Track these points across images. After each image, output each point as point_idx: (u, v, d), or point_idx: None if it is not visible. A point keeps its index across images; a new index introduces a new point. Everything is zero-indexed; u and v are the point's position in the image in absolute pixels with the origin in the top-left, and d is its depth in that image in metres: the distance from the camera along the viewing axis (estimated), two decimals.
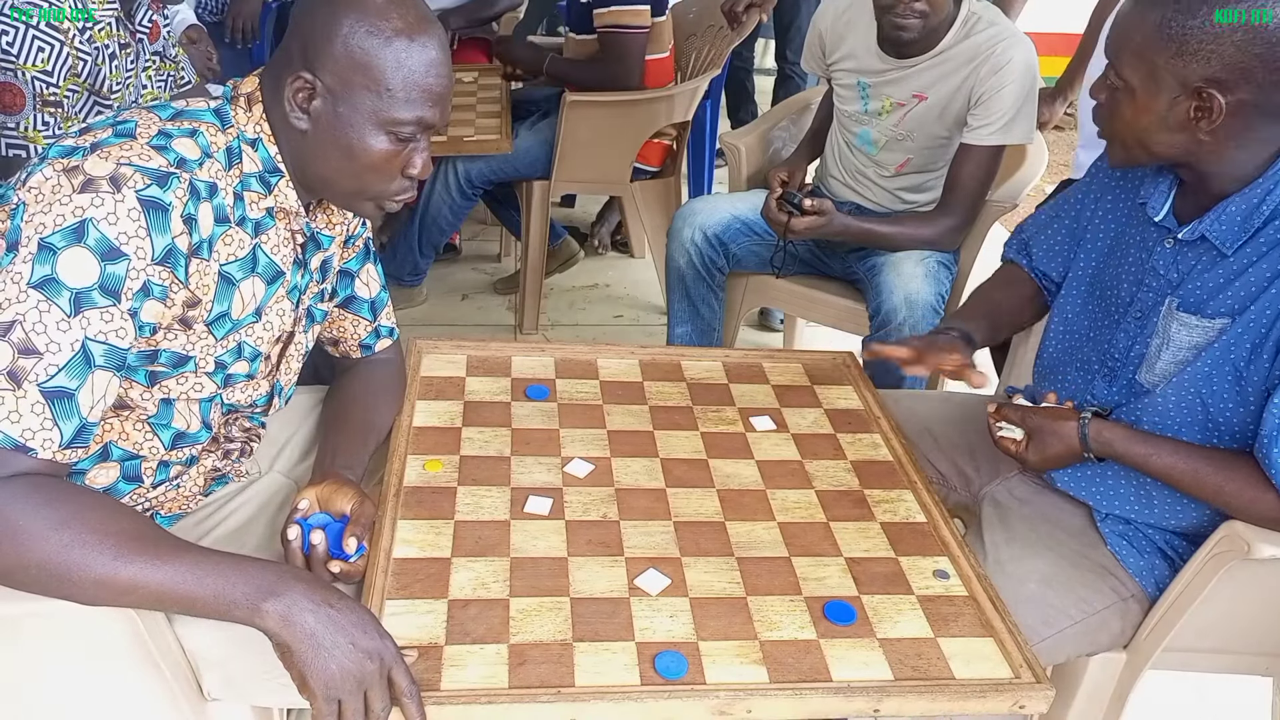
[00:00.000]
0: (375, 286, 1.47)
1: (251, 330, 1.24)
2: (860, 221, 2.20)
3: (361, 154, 1.16)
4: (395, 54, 1.13)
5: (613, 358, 1.73)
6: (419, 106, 1.16)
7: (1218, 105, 1.20)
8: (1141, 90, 1.25)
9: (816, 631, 1.18)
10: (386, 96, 1.14)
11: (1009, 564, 1.38)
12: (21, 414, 1.00)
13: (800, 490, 1.43)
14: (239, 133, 1.18)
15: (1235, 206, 1.27)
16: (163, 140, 1.11)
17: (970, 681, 1.13)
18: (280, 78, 1.16)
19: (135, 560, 0.99)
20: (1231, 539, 1.27)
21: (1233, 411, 1.28)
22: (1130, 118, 1.28)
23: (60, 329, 1.01)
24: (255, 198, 1.20)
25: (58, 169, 1.05)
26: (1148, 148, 1.29)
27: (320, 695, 0.99)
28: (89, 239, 1.02)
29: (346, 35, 1.12)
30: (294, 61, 1.15)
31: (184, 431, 1.24)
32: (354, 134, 1.15)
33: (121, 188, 1.05)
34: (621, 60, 2.85)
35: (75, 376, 1.02)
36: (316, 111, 1.15)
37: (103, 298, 1.03)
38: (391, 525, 1.28)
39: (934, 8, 2.04)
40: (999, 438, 1.44)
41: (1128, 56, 1.26)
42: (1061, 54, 2.97)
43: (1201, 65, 1.19)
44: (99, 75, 1.93)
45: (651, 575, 1.24)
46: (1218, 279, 1.29)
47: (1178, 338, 1.32)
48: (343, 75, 1.13)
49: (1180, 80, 1.21)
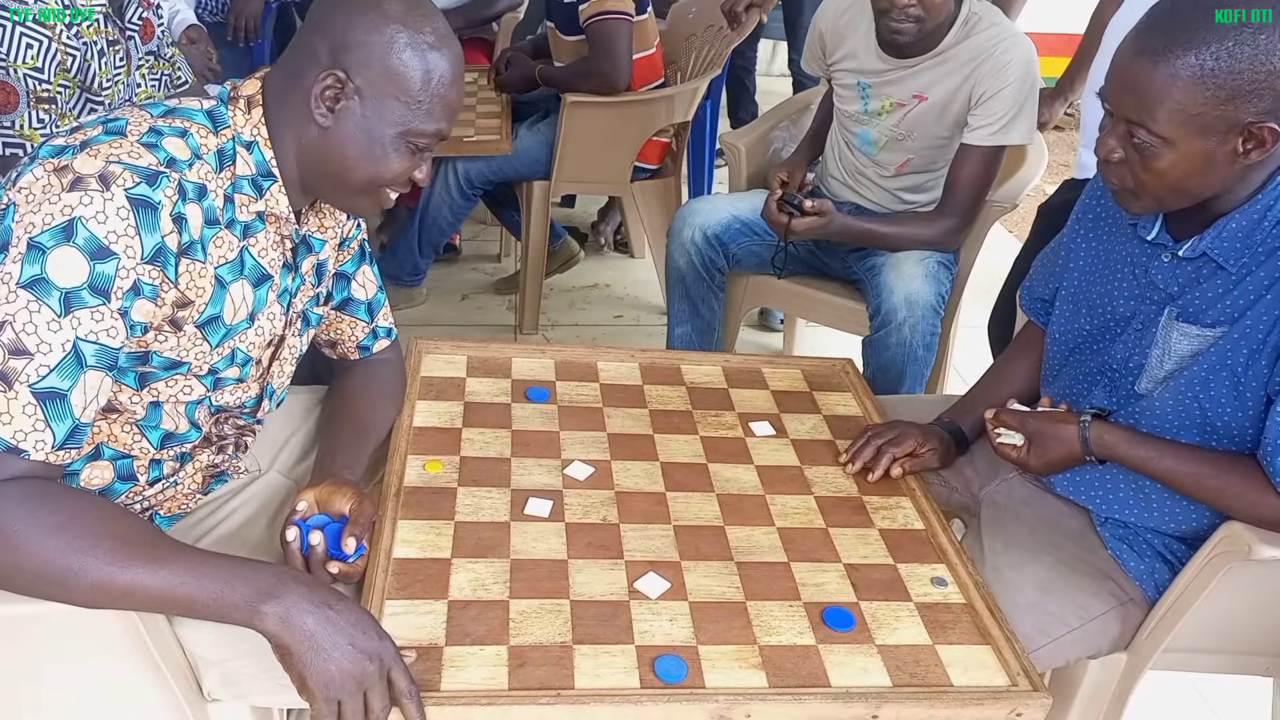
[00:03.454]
0: (372, 288, 1.47)
1: (245, 335, 1.23)
2: (860, 222, 2.20)
3: (380, 158, 1.19)
4: (428, 67, 1.16)
5: (613, 360, 1.73)
6: (440, 119, 1.19)
7: (1271, 134, 1.16)
8: (1182, 141, 1.18)
9: (815, 637, 1.18)
10: (414, 107, 1.16)
11: (1007, 570, 1.38)
12: (13, 415, 0.99)
13: (799, 496, 1.43)
14: (235, 134, 1.18)
15: (1236, 223, 1.25)
16: (153, 138, 1.11)
17: (968, 689, 1.14)
18: (301, 72, 1.17)
19: (132, 564, 0.99)
20: (1232, 540, 1.27)
21: (1230, 415, 1.28)
22: (1166, 169, 1.21)
23: (51, 329, 1.01)
24: (246, 200, 1.20)
25: (47, 169, 1.05)
26: (1187, 192, 1.24)
27: (320, 696, 0.99)
28: (78, 238, 1.02)
29: (387, 43, 1.14)
30: (321, 59, 1.15)
31: (172, 432, 1.24)
32: (375, 138, 1.17)
33: (110, 186, 1.04)
34: (610, 53, 2.82)
35: (67, 377, 1.02)
36: (341, 110, 1.16)
37: (93, 297, 1.03)
38: (392, 525, 1.28)
39: (929, 12, 2.04)
40: (998, 444, 1.44)
41: (1164, 114, 1.17)
42: (1061, 54, 2.96)
43: (1255, 104, 1.14)
44: (89, 71, 1.92)
45: (651, 579, 1.24)
46: (1217, 289, 1.28)
47: (1178, 347, 1.32)
48: (375, 80, 1.15)
49: (1229, 122, 1.16)
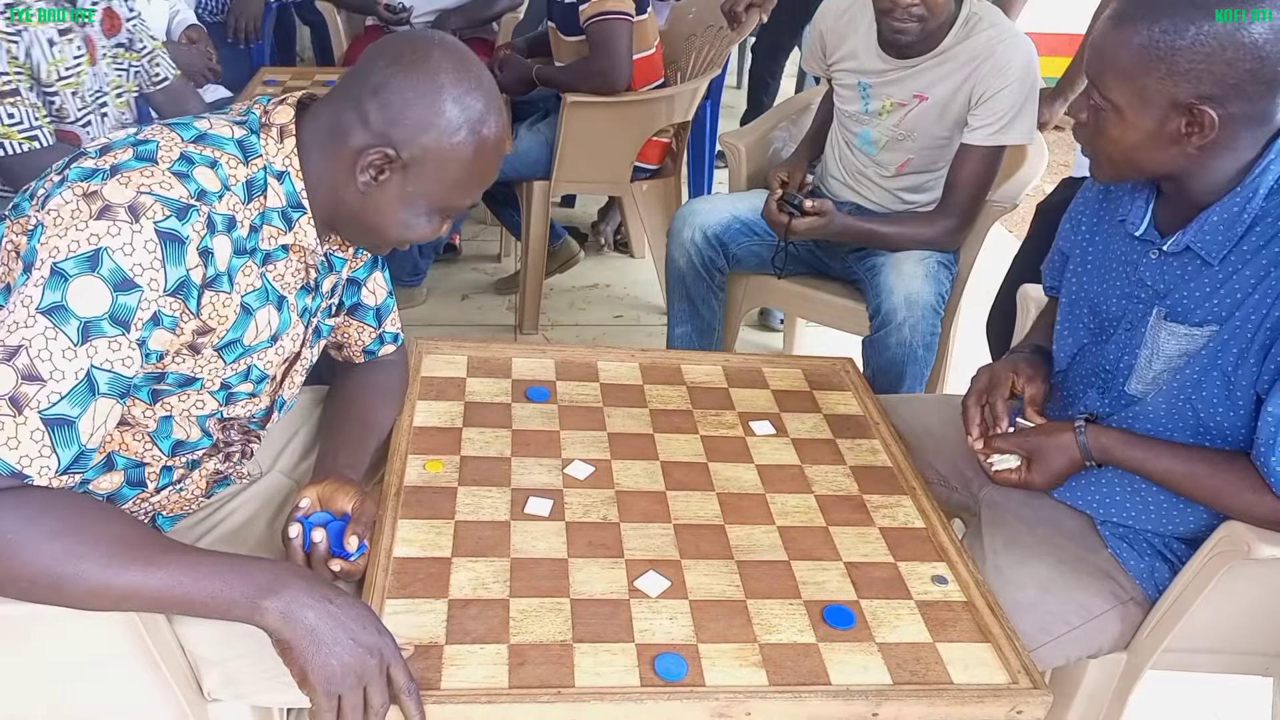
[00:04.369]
0: (382, 294, 1.47)
1: (264, 354, 1.23)
2: (860, 222, 2.20)
3: (412, 227, 1.21)
4: (477, 155, 1.16)
5: (613, 360, 1.73)
6: (477, 191, 1.21)
7: (1209, 120, 1.19)
8: (1129, 110, 1.23)
9: (816, 635, 1.18)
10: (456, 188, 1.18)
11: (1007, 569, 1.38)
12: (20, 440, 0.98)
13: (800, 495, 1.43)
14: (266, 164, 1.17)
15: (1217, 216, 1.27)
16: (184, 167, 1.10)
17: (968, 686, 1.14)
18: (345, 129, 1.15)
19: (130, 567, 0.99)
20: (1231, 539, 1.27)
21: (1223, 415, 1.29)
22: (1117, 136, 1.26)
23: (66, 357, 1.00)
24: (274, 233, 1.19)
25: (77, 193, 1.04)
26: (1136, 164, 1.28)
27: (320, 690, 0.99)
28: (103, 268, 1.01)
29: (439, 128, 1.14)
30: (371, 126, 1.14)
31: (184, 440, 1.24)
32: (411, 209, 1.19)
33: (140, 218, 1.03)
34: (610, 53, 2.81)
35: (77, 404, 1.01)
36: (384, 181, 1.16)
37: (112, 327, 1.02)
38: (392, 524, 1.28)
39: (932, 11, 2.04)
40: (995, 473, 1.44)
41: (1112, 78, 1.24)
42: (1061, 54, 2.97)
43: (1193, 84, 1.18)
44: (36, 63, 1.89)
45: (651, 577, 1.24)
46: (1203, 287, 1.29)
47: (1167, 347, 1.32)
48: (422, 160, 1.15)
49: (1170, 99, 1.20)
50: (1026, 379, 1.49)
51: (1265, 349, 1.24)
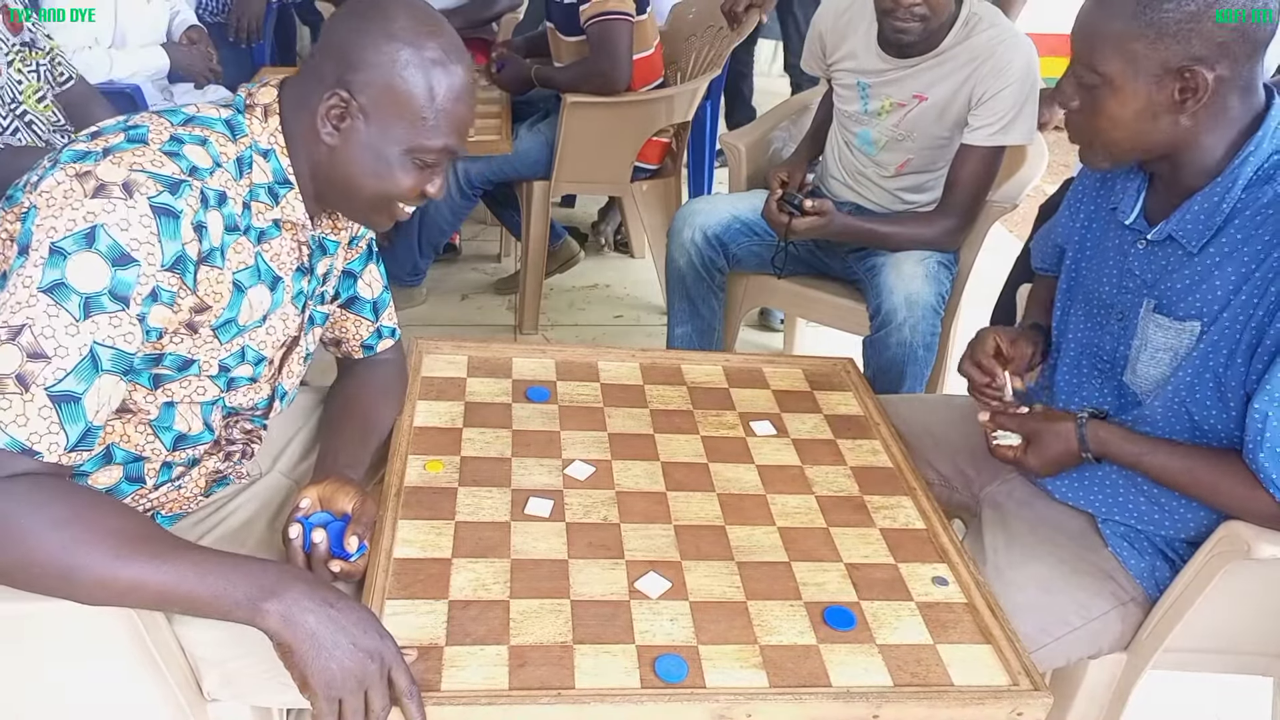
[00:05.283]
0: (378, 287, 1.48)
1: (255, 334, 1.24)
2: (860, 222, 2.20)
3: (386, 176, 1.19)
4: (432, 85, 1.16)
5: (613, 360, 1.73)
6: (446, 135, 1.19)
7: (1203, 82, 1.20)
8: (1121, 79, 1.24)
9: (816, 636, 1.18)
10: (418, 125, 1.17)
11: (1008, 570, 1.38)
12: (29, 417, 1.00)
13: (800, 495, 1.43)
14: (252, 142, 1.19)
15: (1198, 205, 1.28)
16: (174, 146, 1.12)
17: (969, 688, 1.14)
18: (310, 92, 1.17)
19: (136, 560, 0.99)
20: (1231, 539, 1.27)
21: (1216, 417, 1.29)
22: (1115, 111, 1.27)
23: (69, 333, 1.02)
24: (262, 208, 1.20)
25: (69, 173, 1.06)
26: (1135, 140, 1.28)
27: (321, 694, 0.99)
28: (100, 244, 1.03)
29: (389, 62, 1.14)
30: (327, 78, 1.16)
31: (185, 434, 1.24)
32: (381, 156, 1.18)
33: (134, 194, 1.05)
34: (610, 53, 2.81)
35: (83, 380, 1.03)
36: (347, 130, 1.17)
37: (112, 303, 1.04)
38: (392, 525, 1.28)
39: (934, 11, 2.04)
40: (995, 446, 1.44)
41: (1102, 49, 1.24)
42: (1061, 54, 2.95)
43: (1182, 46, 1.19)
44: None
45: (652, 578, 1.24)
46: (1185, 279, 1.30)
47: (1154, 339, 1.33)
48: (378, 100, 1.15)
49: (1161, 64, 1.21)
50: (1010, 340, 1.51)
51: (1252, 349, 1.24)
